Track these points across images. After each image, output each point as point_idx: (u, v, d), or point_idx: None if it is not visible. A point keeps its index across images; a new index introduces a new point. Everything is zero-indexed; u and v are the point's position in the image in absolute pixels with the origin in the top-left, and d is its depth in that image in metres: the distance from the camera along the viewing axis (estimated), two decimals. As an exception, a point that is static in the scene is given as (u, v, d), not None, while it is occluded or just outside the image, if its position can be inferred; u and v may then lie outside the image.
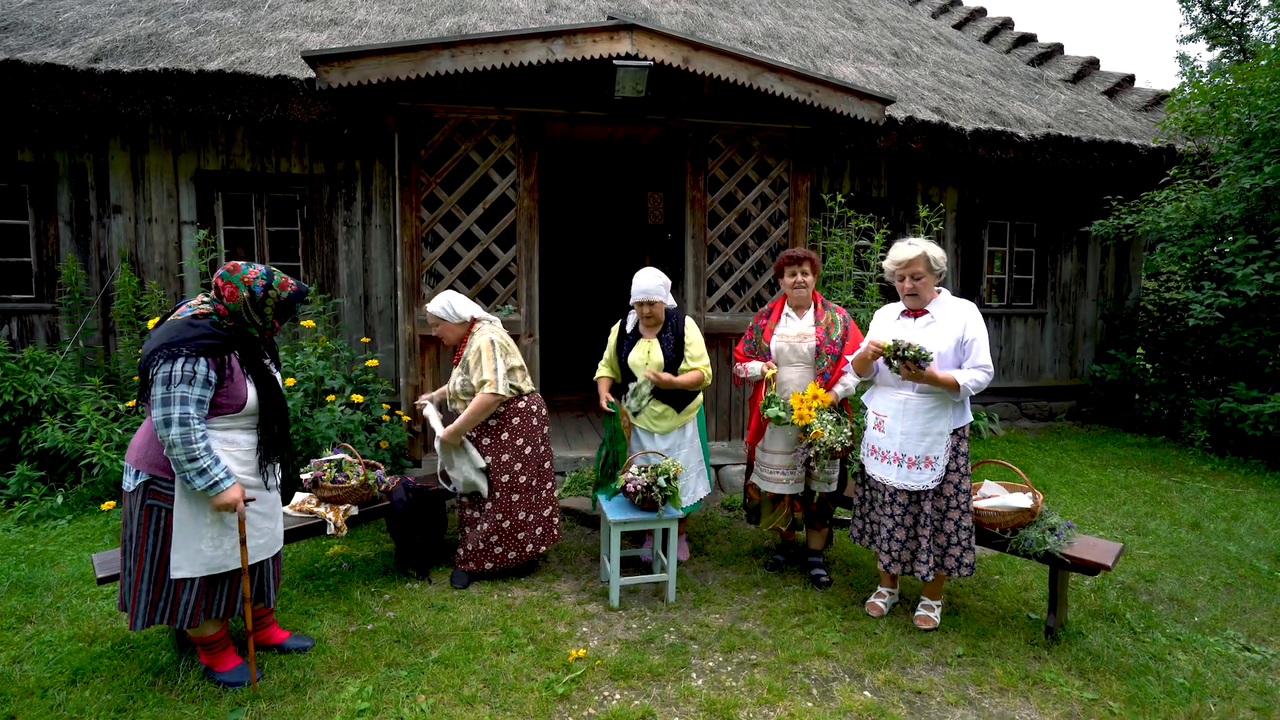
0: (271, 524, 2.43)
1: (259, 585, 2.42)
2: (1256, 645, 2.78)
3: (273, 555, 2.45)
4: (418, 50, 3.95)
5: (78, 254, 5.10)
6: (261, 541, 2.38)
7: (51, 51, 4.90)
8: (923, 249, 2.70)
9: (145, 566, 2.21)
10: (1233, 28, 17.49)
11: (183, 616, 2.25)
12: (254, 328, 2.28)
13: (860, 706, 2.35)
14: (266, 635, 2.61)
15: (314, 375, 4.35)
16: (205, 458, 2.13)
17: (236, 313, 2.24)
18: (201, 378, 2.12)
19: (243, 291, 2.22)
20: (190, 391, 2.10)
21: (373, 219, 5.51)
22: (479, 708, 2.31)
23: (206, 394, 2.15)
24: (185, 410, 2.09)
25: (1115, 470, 5.27)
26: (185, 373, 2.10)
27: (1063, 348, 7.14)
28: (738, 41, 6.81)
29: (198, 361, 2.11)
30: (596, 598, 3.13)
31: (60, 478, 4.31)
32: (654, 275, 3.31)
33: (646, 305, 3.30)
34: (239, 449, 2.28)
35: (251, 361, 2.28)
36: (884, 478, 2.81)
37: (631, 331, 3.44)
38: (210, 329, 2.18)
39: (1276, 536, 3.92)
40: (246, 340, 2.28)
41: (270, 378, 2.33)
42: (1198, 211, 5.74)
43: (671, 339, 3.34)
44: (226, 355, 2.20)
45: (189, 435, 2.09)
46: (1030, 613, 3.02)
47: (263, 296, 2.24)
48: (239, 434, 2.28)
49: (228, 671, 2.41)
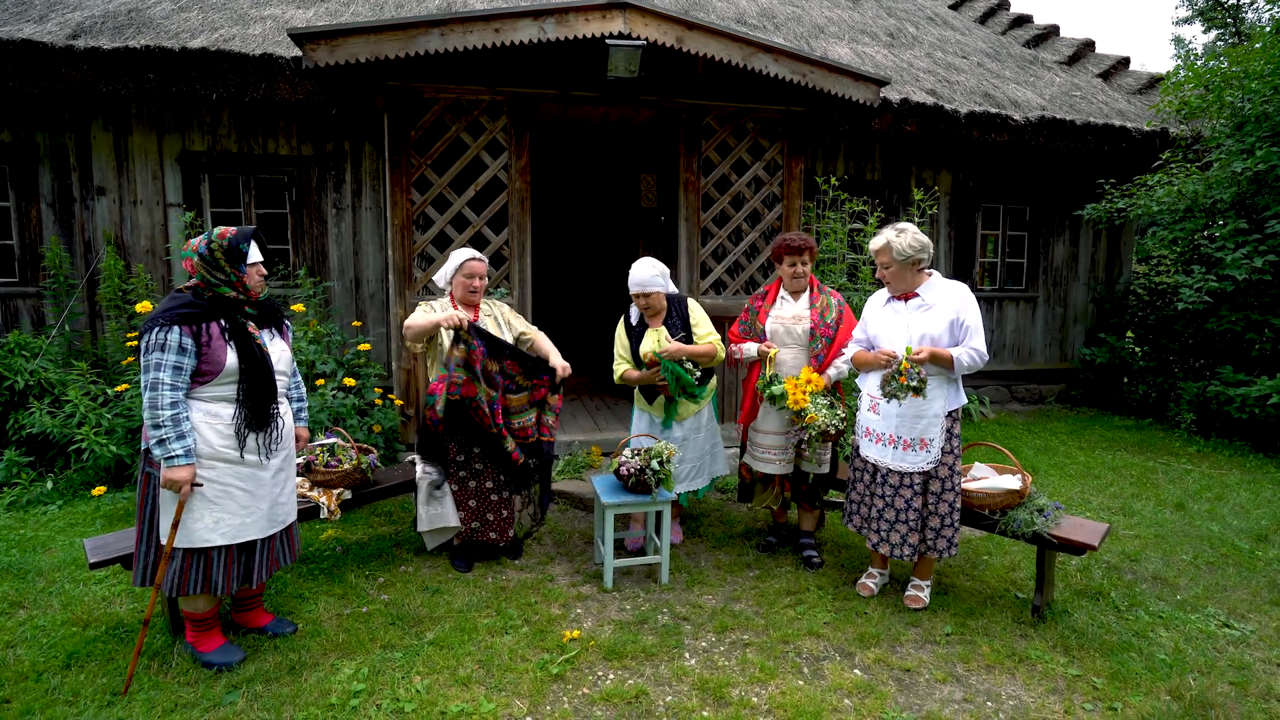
0: (261, 503, 2.39)
1: (245, 565, 2.40)
2: (1236, 622, 2.84)
3: (265, 535, 2.42)
4: (406, 28, 3.87)
5: (61, 237, 5.01)
6: (248, 520, 2.36)
7: (28, 27, 4.77)
8: (886, 239, 2.71)
9: (143, 530, 2.34)
10: (1228, 10, 17.42)
11: (170, 584, 2.31)
12: (225, 287, 2.31)
13: (850, 684, 2.39)
14: (250, 617, 2.63)
15: (305, 359, 4.32)
16: (167, 428, 2.17)
17: (205, 279, 2.31)
18: (175, 345, 2.19)
19: (194, 258, 2.30)
20: (163, 358, 2.18)
21: (363, 201, 5.44)
22: (474, 688, 2.33)
23: (183, 360, 2.20)
24: (156, 376, 2.17)
25: (1103, 452, 5.34)
26: (158, 340, 2.19)
27: (1053, 331, 7.19)
28: (732, 21, 6.72)
29: (170, 330, 2.19)
30: (590, 579, 3.16)
31: (49, 463, 4.28)
32: (649, 266, 3.27)
33: (643, 297, 3.28)
34: (221, 422, 2.30)
35: (235, 328, 2.31)
36: (879, 459, 2.84)
37: (638, 324, 3.39)
38: (190, 299, 2.28)
39: (1258, 517, 4.00)
40: (226, 305, 2.32)
41: (252, 345, 2.33)
42: (1189, 195, 5.75)
43: (679, 323, 3.35)
44: (205, 323, 2.25)
45: (156, 400, 2.17)
46: (1018, 592, 3.07)
47: (209, 254, 2.29)
48: (222, 406, 2.30)
49: (211, 652, 2.42)
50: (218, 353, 2.25)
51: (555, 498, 4.17)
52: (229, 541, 2.33)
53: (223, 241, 2.31)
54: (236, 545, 2.37)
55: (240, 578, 2.40)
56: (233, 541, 2.34)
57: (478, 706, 2.23)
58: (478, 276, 3.11)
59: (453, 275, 3.13)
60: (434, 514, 3.22)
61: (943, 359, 2.66)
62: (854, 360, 2.96)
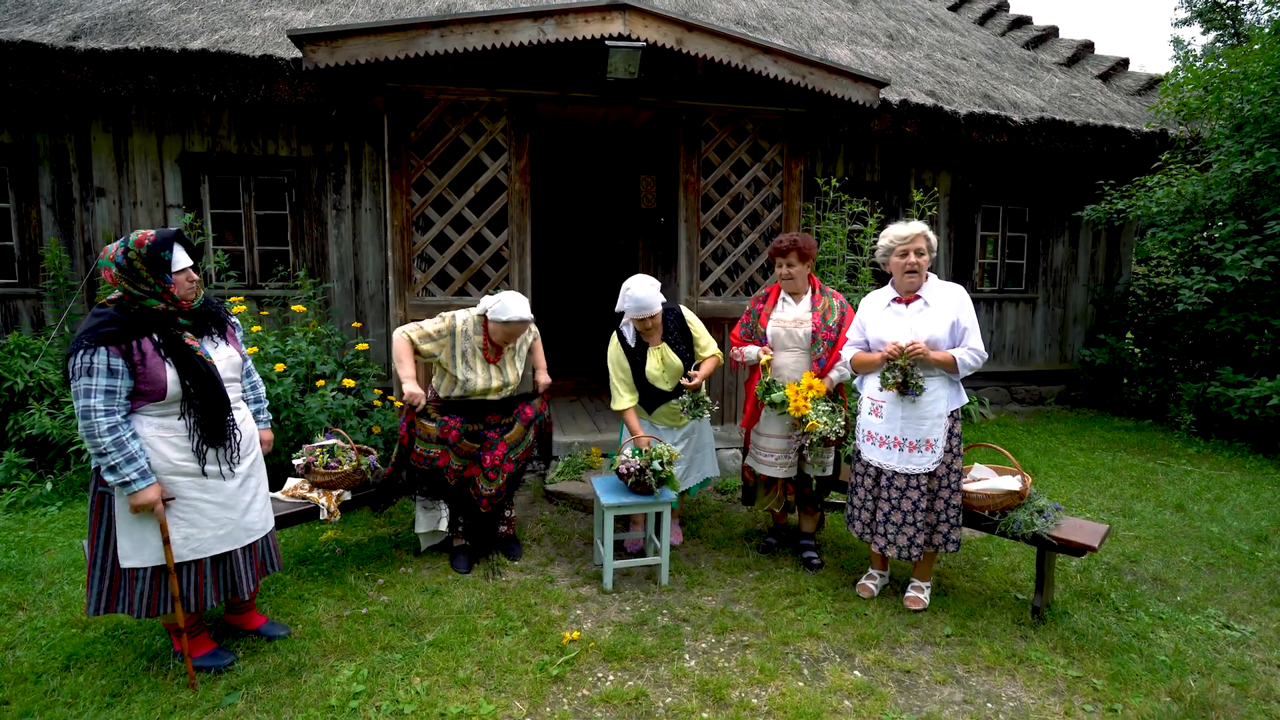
0: (232, 514, 2.29)
1: (229, 576, 2.33)
2: (1236, 623, 2.84)
3: (242, 546, 2.34)
4: (406, 29, 3.87)
5: (61, 238, 5.01)
6: (221, 533, 2.27)
7: (28, 29, 4.77)
8: (923, 226, 2.76)
9: (96, 553, 2.20)
10: (1227, 11, 17.44)
11: (138, 606, 2.20)
12: (151, 299, 2.12)
13: (850, 685, 2.39)
14: (244, 619, 2.61)
15: (305, 360, 4.32)
16: (114, 454, 2.02)
17: (127, 291, 2.12)
18: (102, 368, 2.02)
19: (112, 269, 2.10)
20: (92, 383, 2.02)
21: (363, 202, 5.44)
22: (474, 690, 2.33)
23: (115, 383, 2.04)
24: (86, 403, 2.01)
25: (1103, 453, 5.33)
26: (83, 364, 2.02)
27: (1053, 332, 7.19)
28: (731, 22, 6.72)
29: (95, 352, 2.02)
30: (590, 581, 3.15)
31: (49, 464, 4.27)
32: (649, 284, 3.11)
33: (650, 319, 3.13)
34: (176, 434, 2.17)
35: (170, 342, 2.13)
36: (883, 462, 2.84)
37: (636, 344, 3.26)
38: (113, 315, 2.09)
39: (1258, 518, 3.99)
40: (156, 318, 2.13)
41: (193, 359, 2.15)
42: (1188, 196, 5.75)
43: (678, 337, 3.27)
44: (135, 340, 2.07)
45: (91, 429, 2.02)
46: (1018, 593, 3.06)
47: (126, 264, 2.09)
48: (174, 420, 2.17)
49: (199, 657, 2.39)
50: (155, 371, 2.08)
51: (555, 499, 4.17)
52: (200, 556, 2.24)
53: (140, 250, 2.09)
54: (210, 559, 2.27)
55: (227, 589, 2.33)
56: (204, 556, 2.24)
57: (477, 708, 2.23)
58: (519, 336, 3.08)
59: (501, 321, 2.94)
60: (430, 516, 3.22)
61: (946, 361, 2.67)
62: (853, 363, 2.95)
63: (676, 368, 3.25)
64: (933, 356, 2.67)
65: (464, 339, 3.02)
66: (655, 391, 3.28)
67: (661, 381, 3.27)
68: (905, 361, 2.67)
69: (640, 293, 3.08)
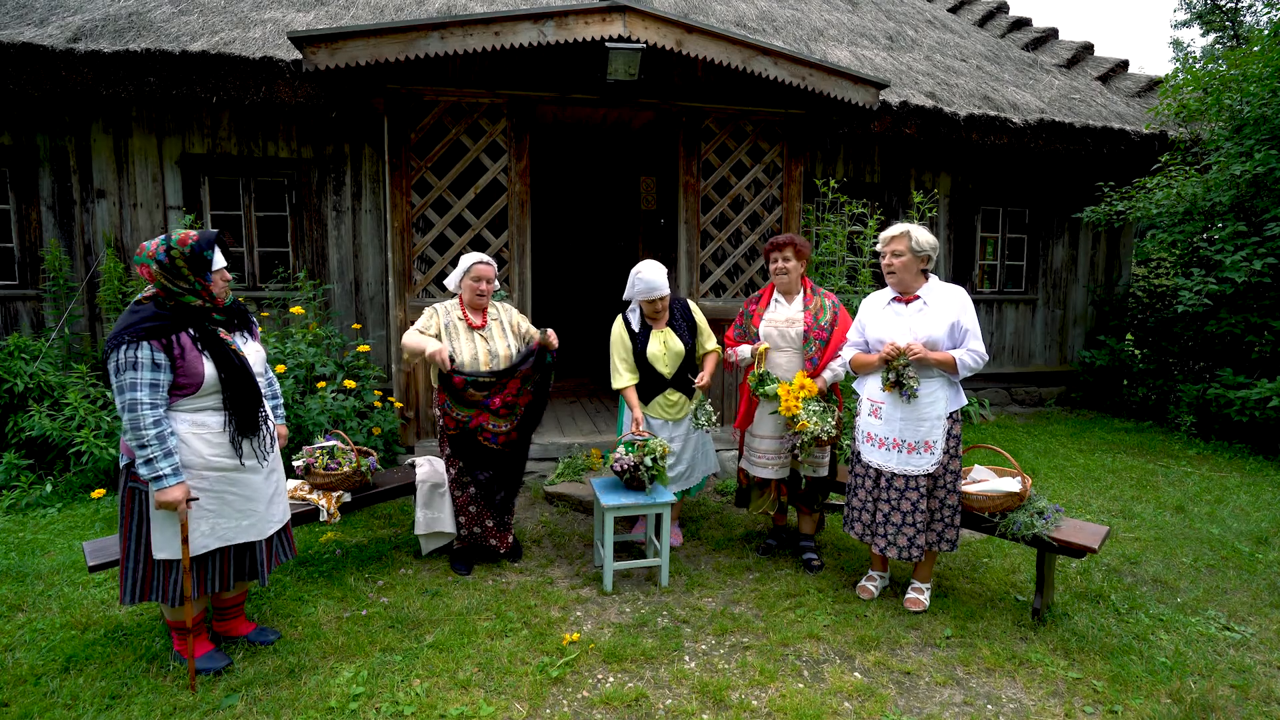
0: (258, 505, 2.38)
1: (250, 562, 2.42)
2: (1236, 625, 2.84)
3: (264, 537, 2.42)
4: (406, 31, 3.88)
5: (61, 239, 5.01)
6: (246, 523, 2.36)
7: (29, 30, 4.78)
8: (908, 228, 2.77)
9: (129, 546, 2.28)
10: (1227, 13, 17.47)
11: (171, 595, 2.28)
12: (190, 295, 2.22)
13: (850, 687, 2.39)
14: (231, 626, 2.58)
15: (305, 362, 4.32)
16: (154, 447, 2.10)
17: (165, 288, 2.20)
18: (146, 362, 2.10)
19: (152, 265, 2.18)
20: (138, 377, 2.09)
21: (363, 204, 5.44)
22: (474, 691, 2.33)
23: (158, 377, 2.12)
24: (133, 396, 2.09)
25: (1103, 455, 5.33)
26: (128, 359, 2.09)
27: (1053, 334, 7.19)
28: (731, 24, 6.73)
29: (139, 346, 2.10)
30: (590, 582, 3.15)
31: (49, 466, 4.27)
32: (658, 269, 3.28)
33: (660, 301, 3.28)
34: (209, 431, 2.25)
35: (206, 337, 2.22)
36: (882, 464, 2.84)
37: (640, 328, 3.37)
38: (153, 311, 2.17)
39: (1258, 519, 3.99)
40: (193, 314, 2.22)
41: (228, 352, 2.25)
42: (1188, 198, 5.75)
43: (683, 324, 3.38)
44: (174, 335, 2.16)
45: (137, 421, 2.09)
46: (1018, 595, 3.06)
47: (169, 261, 2.17)
48: (208, 415, 2.25)
49: (198, 658, 2.40)
50: (193, 365, 2.18)
51: (555, 500, 4.17)
52: (226, 544, 2.32)
53: (184, 249, 2.18)
54: (235, 546, 2.36)
55: (245, 574, 2.41)
56: (229, 543, 2.33)
57: (477, 709, 2.23)
58: (485, 280, 3.12)
59: (461, 278, 3.14)
60: (431, 518, 3.21)
61: (946, 362, 2.67)
62: (852, 363, 2.96)
63: (678, 351, 3.34)
64: (932, 357, 2.67)
65: (445, 314, 3.17)
66: (654, 376, 3.36)
67: (661, 363, 3.34)
68: (901, 362, 2.67)
69: (650, 275, 3.23)
